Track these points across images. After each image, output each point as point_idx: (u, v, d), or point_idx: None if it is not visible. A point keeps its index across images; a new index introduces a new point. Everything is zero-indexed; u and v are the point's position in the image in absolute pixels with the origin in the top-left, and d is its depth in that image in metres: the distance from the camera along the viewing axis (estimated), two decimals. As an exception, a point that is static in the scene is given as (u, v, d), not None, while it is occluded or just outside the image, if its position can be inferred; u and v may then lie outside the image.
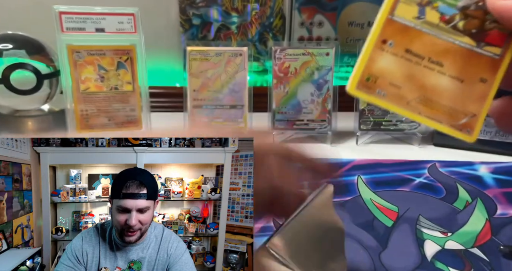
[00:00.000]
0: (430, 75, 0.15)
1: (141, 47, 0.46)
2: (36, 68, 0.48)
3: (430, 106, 0.16)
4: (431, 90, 0.16)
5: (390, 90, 0.16)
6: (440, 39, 0.15)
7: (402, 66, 0.16)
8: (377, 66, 0.16)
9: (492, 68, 0.15)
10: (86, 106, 0.46)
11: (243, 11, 0.58)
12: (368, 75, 0.16)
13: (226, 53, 0.48)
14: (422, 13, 0.16)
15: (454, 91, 0.15)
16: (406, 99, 0.16)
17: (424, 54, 0.15)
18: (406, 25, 0.16)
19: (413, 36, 0.16)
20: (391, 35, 0.16)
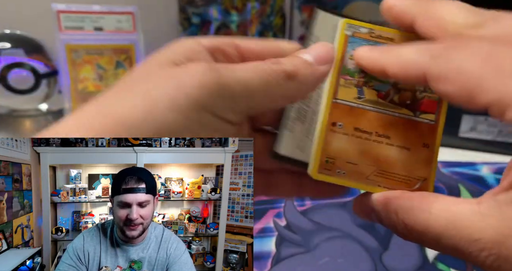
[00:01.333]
0: (381, 148, 0.17)
1: (140, 46, 0.45)
2: (34, 67, 0.47)
3: (387, 177, 0.17)
4: (384, 161, 0.17)
5: (348, 168, 0.17)
6: (382, 114, 0.17)
7: (355, 144, 0.17)
8: (332, 148, 0.17)
9: (431, 133, 0.17)
10: (85, 106, 0.45)
11: (243, 9, 0.57)
12: (326, 158, 0.17)
13: (226, 52, 0.48)
14: (361, 93, 0.17)
15: (404, 160, 0.17)
16: (364, 174, 0.17)
17: (371, 129, 0.17)
18: (350, 105, 0.17)
19: (358, 114, 0.17)
20: (339, 117, 0.17)
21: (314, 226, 0.37)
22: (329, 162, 0.17)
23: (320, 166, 0.17)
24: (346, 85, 0.17)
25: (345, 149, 0.17)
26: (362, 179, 0.17)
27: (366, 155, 0.17)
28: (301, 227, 0.37)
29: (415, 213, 0.14)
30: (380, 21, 0.25)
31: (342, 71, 0.17)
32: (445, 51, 0.13)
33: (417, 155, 0.17)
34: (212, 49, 0.16)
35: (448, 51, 0.13)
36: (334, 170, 0.17)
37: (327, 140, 0.17)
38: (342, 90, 0.17)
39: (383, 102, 0.17)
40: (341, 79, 0.17)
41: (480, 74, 0.12)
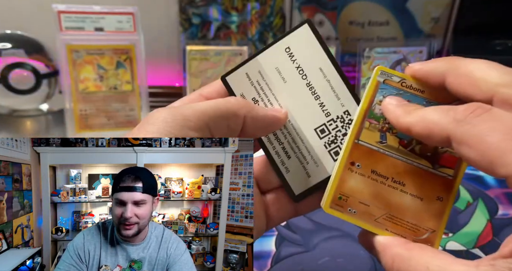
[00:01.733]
0: (394, 194, 0.17)
1: (141, 46, 0.45)
2: (35, 67, 0.47)
3: (395, 222, 0.17)
4: (396, 207, 0.17)
5: (360, 208, 0.17)
6: (400, 161, 0.17)
7: (369, 186, 0.17)
8: (347, 186, 0.17)
9: (447, 187, 0.17)
10: (85, 106, 0.45)
11: (243, 10, 0.57)
12: (340, 194, 0.17)
13: (226, 53, 0.48)
14: (383, 138, 0.17)
15: (415, 209, 0.17)
16: (374, 216, 0.17)
17: (388, 174, 0.17)
18: (371, 148, 0.17)
19: (378, 158, 0.17)
20: (358, 157, 0.17)
21: (314, 225, 0.37)
22: (342, 199, 0.17)
23: (332, 201, 0.17)
24: (370, 129, 0.17)
25: (360, 189, 0.17)
26: (371, 221, 0.17)
27: (378, 198, 0.17)
28: (301, 226, 0.37)
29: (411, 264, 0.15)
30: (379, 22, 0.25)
31: (369, 115, 0.17)
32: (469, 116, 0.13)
33: (429, 206, 0.17)
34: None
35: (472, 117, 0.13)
36: (345, 207, 0.17)
37: (343, 178, 0.17)
38: (365, 132, 0.17)
39: (403, 150, 0.17)
40: (367, 122, 0.17)
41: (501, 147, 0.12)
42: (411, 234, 0.17)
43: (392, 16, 0.56)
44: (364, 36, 0.58)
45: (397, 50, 0.48)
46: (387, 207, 0.17)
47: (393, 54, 0.48)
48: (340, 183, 0.17)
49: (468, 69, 0.15)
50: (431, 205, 0.17)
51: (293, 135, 0.19)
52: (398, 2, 0.55)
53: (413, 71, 0.17)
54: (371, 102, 0.17)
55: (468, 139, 0.13)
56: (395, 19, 0.56)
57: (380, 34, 0.57)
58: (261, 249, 0.35)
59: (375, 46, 0.49)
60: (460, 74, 0.15)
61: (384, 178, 0.17)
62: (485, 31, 0.55)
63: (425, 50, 0.48)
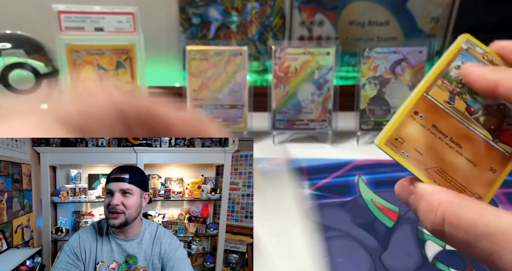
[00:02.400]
0: (449, 152, 0.17)
1: (141, 46, 0.45)
2: (35, 67, 0.47)
3: (445, 178, 0.17)
4: (448, 165, 0.17)
5: (413, 154, 0.17)
6: (463, 125, 0.18)
7: (427, 138, 0.18)
8: (406, 131, 0.18)
9: (502, 162, 0.18)
10: (86, 106, 0.45)
11: (243, 10, 0.57)
12: (397, 136, 0.18)
13: (226, 53, 0.48)
14: (452, 100, 0.18)
15: (467, 172, 0.17)
16: (425, 165, 0.17)
17: (448, 133, 0.18)
18: (437, 105, 0.18)
19: (441, 116, 0.18)
20: (423, 109, 0.18)
21: (314, 225, 0.37)
22: (398, 140, 0.17)
23: (388, 139, 0.17)
24: (442, 88, 0.18)
25: (417, 138, 0.17)
26: (421, 169, 0.17)
27: (434, 151, 0.17)
28: (301, 226, 0.37)
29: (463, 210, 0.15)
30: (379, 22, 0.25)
31: (443, 75, 0.18)
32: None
33: (481, 174, 0.17)
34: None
35: None
36: (400, 149, 0.17)
37: (404, 122, 0.17)
38: (435, 89, 0.18)
39: (468, 116, 0.17)
40: (439, 80, 0.18)
41: None
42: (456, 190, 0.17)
43: (392, 16, 0.56)
44: (364, 36, 0.58)
45: (397, 50, 0.48)
46: (440, 161, 0.17)
47: (393, 54, 0.48)
48: (400, 126, 0.17)
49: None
50: (483, 173, 0.17)
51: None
52: (398, 2, 0.55)
53: (499, 47, 0.17)
54: (449, 64, 0.18)
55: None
56: (395, 19, 0.56)
57: (380, 34, 0.57)
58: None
59: (375, 46, 0.49)
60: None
61: (443, 136, 0.17)
62: (485, 31, 0.55)
63: (425, 50, 0.48)
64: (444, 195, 0.16)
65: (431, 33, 0.57)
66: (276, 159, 0.46)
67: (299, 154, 0.47)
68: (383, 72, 0.49)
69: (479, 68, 0.17)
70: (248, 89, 0.49)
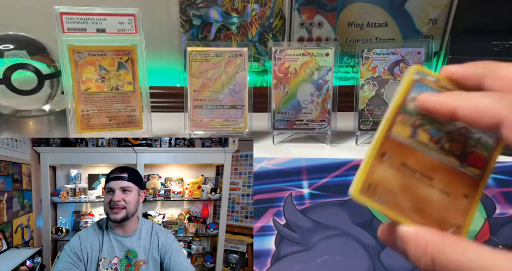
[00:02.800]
0: (422, 187, 0.17)
1: (142, 47, 0.46)
2: (37, 68, 0.48)
3: (423, 215, 0.17)
4: (423, 200, 0.17)
5: (388, 198, 0.17)
6: (430, 157, 0.18)
7: (399, 177, 0.18)
8: (377, 175, 0.18)
9: (473, 186, 0.18)
10: (87, 107, 0.46)
11: (243, 11, 0.58)
12: (369, 183, 0.18)
13: (226, 54, 0.48)
14: (414, 133, 0.18)
15: (442, 203, 0.17)
16: (402, 207, 0.17)
17: (417, 168, 0.18)
18: (401, 142, 0.18)
19: (408, 152, 0.18)
20: (389, 149, 0.18)
21: (313, 224, 0.37)
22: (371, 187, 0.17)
23: (362, 189, 0.17)
24: (403, 123, 0.18)
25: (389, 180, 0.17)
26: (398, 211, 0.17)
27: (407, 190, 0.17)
28: (300, 225, 0.37)
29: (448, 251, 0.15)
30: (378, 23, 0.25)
31: (402, 110, 0.18)
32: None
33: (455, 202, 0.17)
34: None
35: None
36: (374, 195, 0.17)
37: (373, 167, 0.17)
38: (397, 126, 0.18)
39: (433, 146, 0.17)
40: (399, 116, 0.18)
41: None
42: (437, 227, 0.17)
43: (391, 17, 0.57)
44: (363, 37, 0.58)
45: (395, 51, 0.49)
46: (414, 199, 0.17)
47: (391, 55, 0.49)
48: (370, 172, 0.17)
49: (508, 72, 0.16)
50: (457, 201, 0.17)
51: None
52: (397, 4, 0.56)
53: (449, 73, 0.17)
54: (405, 98, 0.18)
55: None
56: (394, 20, 0.57)
57: (378, 35, 0.58)
58: (261, 248, 0.35)
59: (373, 47, 0.49)
60: (500, 77, 0.16)
61: (413, 171, 0.17)
62: (483, 32, 0.56)
63: (423, 51, 0.48)
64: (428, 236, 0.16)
65: (429, 34, 0.58)
66: (276, 159, 0.46)
67: (299, 154, 0.48)
68: (382, 73, 0.49)
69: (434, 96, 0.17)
70: (248, 90, 0.49)
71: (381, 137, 0.18)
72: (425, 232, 0.16)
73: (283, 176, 0.43)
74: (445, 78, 0.18)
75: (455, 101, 0.15)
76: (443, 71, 0.18)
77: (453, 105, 0.15)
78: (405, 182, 0.17)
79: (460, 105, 0.15)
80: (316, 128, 0.50)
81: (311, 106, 0.50)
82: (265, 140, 0.52)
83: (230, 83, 0.49)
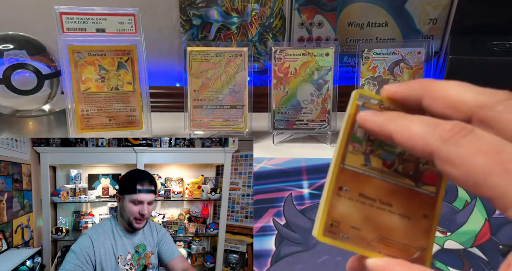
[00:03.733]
0: (383, 215, 0.17)
1: (142, 47, 0.46)
2: (37, 68, 0.48)
3: (387, 244, 0.17)
4: (386, 229, 0.17)
5: (352, 233, 0.17)
6: (386, 182, 0.17)
7: (359, 209, 0.17)
8: (337, 212, 0.17)
9: (431, 204, 0.17)
10: (87, 106, 0.46)
11: (243, 11, 0.58)
12: (331, 221, 0.17)
13: (226, 54, 0.48)
14: (367, 161, 0.17)
15: (404, 228, 0.17)
16: (366, 239, 0.17)
17: (375, 196, 0.17)
18: (356, 172, 0.17)
19: (364, 181, 0.17)
20: (345, 182, 0.17)
21: (313, 224, 0.37)
22: (333, 225, 0.17)
23: (325, 229, 0.17)
24: (354, 152, 0.17)
25: (350, 214, 0.17)
26: (364, 245, 0.17)
27: (369, 221, 0.17)
28: (300, 225, 0.37)
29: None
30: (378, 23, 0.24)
31: (351, 138, 0.17)
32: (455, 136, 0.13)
33: (417, 225, 0.17)
34: None
35: (458, 138, 0.13)
36: (338, 233, 0.17)
37: (332, 204, 0.17)
38: (350, 156, 0.17)
39: (388, 171, 0.17)
40: (350, 146, 0.17)
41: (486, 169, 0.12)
42: (403, 254, 0.17)
43: (391, 17, 0.57)
44: (363, 37, 0.58)
45: (395, 51, 0.49)
46: (378, 229, 0.17)
47: (391, 55, 0.49)
48: (330, 210, 0.17)
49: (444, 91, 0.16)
50: (418, 223, 0.17)
51: None
52: (397, 4, 0.56)
53: (390, 93, 0.17)
54: (353, 126, 0.17)
55: (454, 159, 0.13)
56: (394, 20, 0.57)
57: (379, 35, 0.58)
58: (261, 248, 0.35)
59: (374, 47, 0.49)
60: (436, 97, 0.16)
61: (372, 200, 0.17)
62: (483, 32, 0.56)
63: (423, 51, 0.48)
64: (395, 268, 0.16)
65: (429, 34, 0.58)
66: (276, 159, 0.46)
67: (299, 154, 0.48)
68: (382, 73, 0.49)
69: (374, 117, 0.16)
70: (248, 90, 0.49)
71: (335, 171, 0.17)
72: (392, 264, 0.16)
73: (283, 176, 0.43)
74: (387, 99, 0.17)
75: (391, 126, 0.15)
76: (383, 92, 0.17)
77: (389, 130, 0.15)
78: (366, 213, 0.17)
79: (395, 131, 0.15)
80: (316, 128, 0.50)
81: (311, 106, 0.50)
82: (265, 140, 0.52)
83: (230, 83, 0.49)
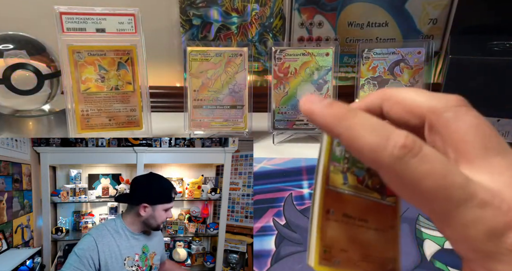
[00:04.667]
0: (362, 232, 0.17)
1: (142, 47, 0.46)
2: (37, 68, 0.48)
3: (370, 261, 0.17)
4: (366, 246, 0.17)
5: (342, 256, 0.17)
6: (361, 198, 0.17)
7: (344, 230, 0.17)
8: (328, 236, 0.17)
9: (394, 215, 0.18)
10: (87, 106, 0.46)
11: (243, 11, 0.58)
12: (325, 248, 0.16)
13: (226, 54, 0.48)
14: (345, 179, 0.17)
15: (379, 242, 0.17)
16: (353, 260, 0.17)
17: (355, 214, 0.17)
18: (338, 191, 0.17)
19: (345, 200, 0.17)
20: (331, 204, 0.17)
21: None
22: (326, 252, 0.16)
23: (320, 257, 0.16)
24: (335, 172, 0.17)
25: (338, 237, 0.17)
26: (352, 266, 0.17)
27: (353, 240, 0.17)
28: (300, 225, 0.37)
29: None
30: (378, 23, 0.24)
31: (332, 158, 0.17)
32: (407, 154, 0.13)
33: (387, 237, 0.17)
34: None
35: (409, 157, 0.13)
36: (331, 260, 0.17)
37: (323, 229, 0.16)
38: (332, 176, 0.17)
39: (361, 187, 0.17)
40: (331, 166, 0.17)
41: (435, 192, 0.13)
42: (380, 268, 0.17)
43: (391, 17, 0.57)
44: (363, 37, 0.58)
45: (395, 51, 0.49)
46: (360, 247, 0.17)
47: (391, 55, 0.49)
48: (322, 236, 0.16)
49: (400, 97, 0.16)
50: (387, 235, 0.17)
51: None
52: (397, 4, 0.56)
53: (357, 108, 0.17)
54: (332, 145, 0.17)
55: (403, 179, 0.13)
56: (394, 20, 0.57)
57: (379, 35, 0.58)
58: (261, 248, 0.35)
59: (374, 46, 0.49)
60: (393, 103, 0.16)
61: (353, 219, 0.17)
62: (483, 32, 0.55)
63: (424, 51, 0.48)
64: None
65: (430, 34, 0.58)
66: (276, 159, 0.46)
67: (299, 154, 0.48)
68: (382, 73, 0.49)
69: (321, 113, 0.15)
70: (248, 90, 0.49)
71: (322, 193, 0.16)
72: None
73: (283, 176, 0.43)
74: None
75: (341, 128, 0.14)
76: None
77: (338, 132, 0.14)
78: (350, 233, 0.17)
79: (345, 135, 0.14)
80: (316, 128, 0.50)
81: (311, 106, 0.50)
82: (265, 140, 0.52)
83: (230, 83, 0.49)
